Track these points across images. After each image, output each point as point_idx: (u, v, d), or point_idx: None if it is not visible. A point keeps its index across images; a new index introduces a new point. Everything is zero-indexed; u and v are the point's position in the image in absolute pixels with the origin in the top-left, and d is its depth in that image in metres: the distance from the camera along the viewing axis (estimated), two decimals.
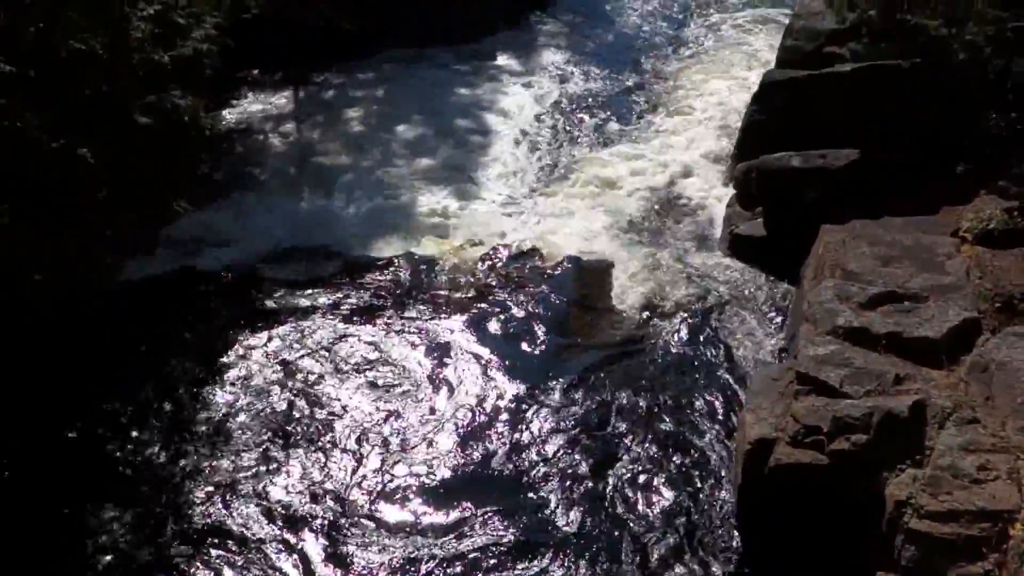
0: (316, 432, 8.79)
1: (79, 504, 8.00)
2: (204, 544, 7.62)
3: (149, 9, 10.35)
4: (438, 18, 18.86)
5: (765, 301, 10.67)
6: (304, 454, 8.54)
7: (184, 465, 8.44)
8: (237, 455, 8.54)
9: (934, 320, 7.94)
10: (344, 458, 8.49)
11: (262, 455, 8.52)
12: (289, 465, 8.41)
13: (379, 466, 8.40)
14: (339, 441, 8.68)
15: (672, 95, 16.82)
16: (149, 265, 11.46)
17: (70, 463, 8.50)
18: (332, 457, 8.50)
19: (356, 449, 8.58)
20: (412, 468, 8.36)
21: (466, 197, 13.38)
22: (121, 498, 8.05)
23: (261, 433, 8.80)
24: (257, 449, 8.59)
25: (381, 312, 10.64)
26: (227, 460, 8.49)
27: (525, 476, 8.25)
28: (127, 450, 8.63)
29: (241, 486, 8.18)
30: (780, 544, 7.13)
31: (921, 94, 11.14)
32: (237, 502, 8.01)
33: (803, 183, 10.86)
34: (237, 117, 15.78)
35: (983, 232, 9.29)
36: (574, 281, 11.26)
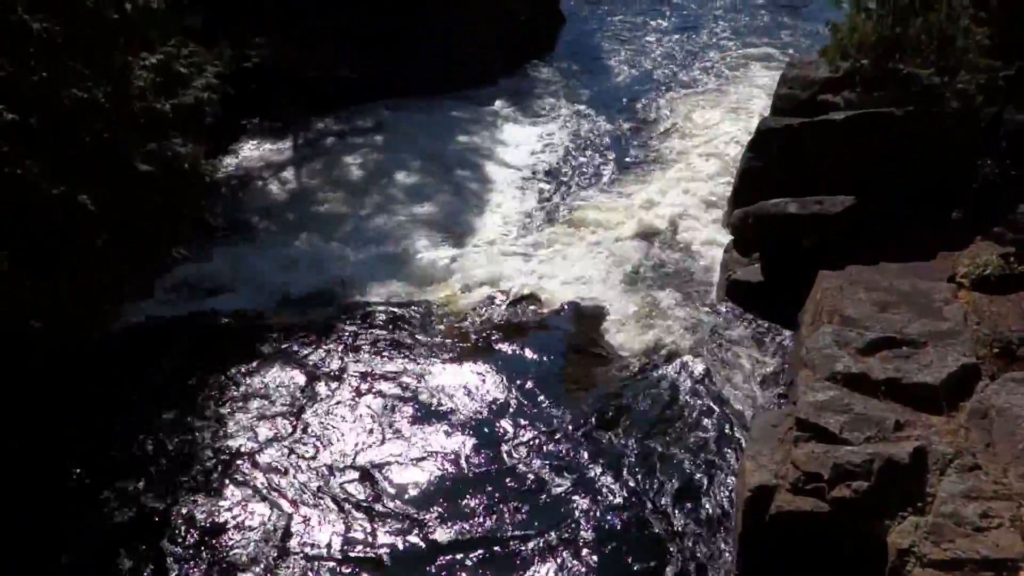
0: (315, 479, 8.72)
1: (76, 547, 7.94)
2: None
3: (151, 59, 10.47)
4: (437, 66, 19.10)
5: (763, 347, 10.66)
6: (303, 500, 8.46)
7: (180, 511, 8.36)
8: (235, 501, 8.47)
9: (933, 366, 7.93)
10: (342, 505, 8.41)
11: (260, 501, 8.45)
12: (288, 511, 8.33)
13: (377, 513, 8.32)
14: (337, 488, 8.61)
15: (668, 141, 16.97)
16: (147, 310, 11.48)
17: (66, 508, 8.43)
18: (331, 504, 8.42)
19: (354, 496, 8.51)
20: (410, 515, 8.28)
21: (464, 243, 13.44)
22: (117, 544, 7.98)
23: (259, 479, 8.73)
24: (255, 495, 8.52)
25: (379, 358, 10.62)
26: (224, 506, 8.41)
27: (522, 523, 8.16)
28: (123, 496, 8.55)
29: (239, 533, 8.09)
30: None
31: (915, 141, 11.26)
32: (234, 549, 7.93)
33: (800, 229, 10.92)
34: (237, 164, 15.91)
35: (980, 278, 9.32)
36: (572, 327, 11.27)
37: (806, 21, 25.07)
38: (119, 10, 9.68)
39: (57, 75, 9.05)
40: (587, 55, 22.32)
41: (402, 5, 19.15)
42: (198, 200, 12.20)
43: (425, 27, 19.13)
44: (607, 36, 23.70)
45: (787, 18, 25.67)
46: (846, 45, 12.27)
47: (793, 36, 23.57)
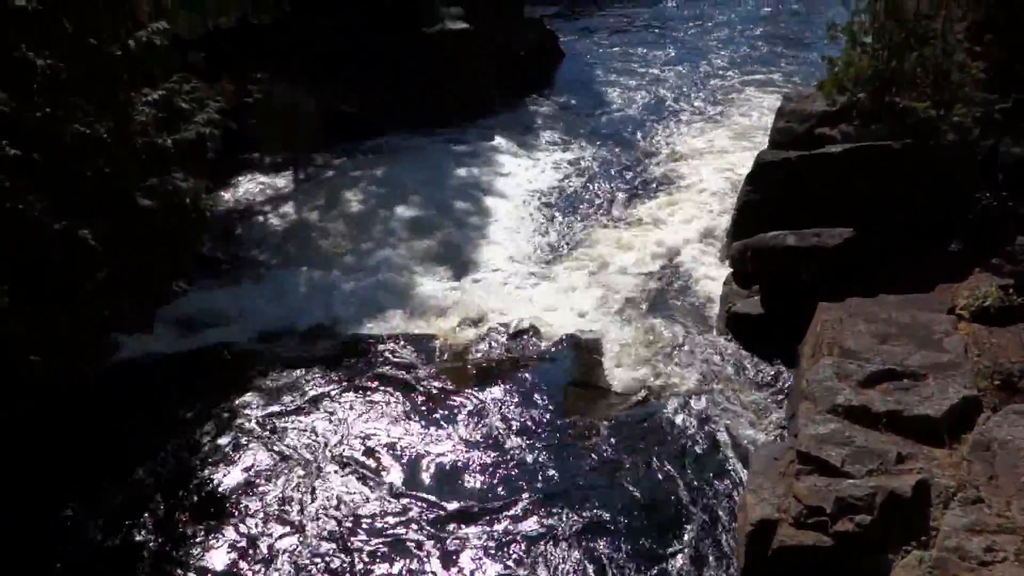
0: (315, 514, 8.66)
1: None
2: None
3: (154, 94, 10.56)
4: (437, 100, 19.28)
5: (763, 379, 10.63)
6: (302, 536, 8.40)
7: (180, 546, 8.30)
8: (233, 537, 8.40)
9: (934, 398, 7.90)
10: (342, 538, 8.34)
11: (259, 536, 8.38)
12: (285, 547, 8.26)
13: (378, 545, 8.25)
14: (336, 524, 8.54)
15: (667, 174, 17.06)
16: (146, 344, 11.47)
17: (60, 542, 8.37)
18: (328, 540, 8.35)
19: (351, 530, 8.45)
20: (409, 550, 8.21)
21: (464, 276, 13.46)
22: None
23: (258, 514, 8.67)
24: (254, 530, 8.45)
25: (379, 392, 10.60)
26: (222, 541, 8.35)
27: (520, 559, 8.09)
28: (122, 530, 8.50)
29: (237, 569, 8.02)
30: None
31: (912, 174, 11.31)
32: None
33: (799, 262, 10.93)
34: (237, 198, 15.99)
35: (979, 310, 9.32)
36: (571, 360, 11.26)
37: (803, 50, 25.39)
38: (122, 47, 9.77)
39: (60, 111, 9.12)
40: (586, 89, 22.53)
41: (402, 41, 19.36)
42: (199, 234, 12.25)
43: (425, 62, 19.33)
44: (605, 70, 23.94)
45: (784, 48, 26.00)
46: (843, 79, 12.41)
47: (791, 67, 23.84)
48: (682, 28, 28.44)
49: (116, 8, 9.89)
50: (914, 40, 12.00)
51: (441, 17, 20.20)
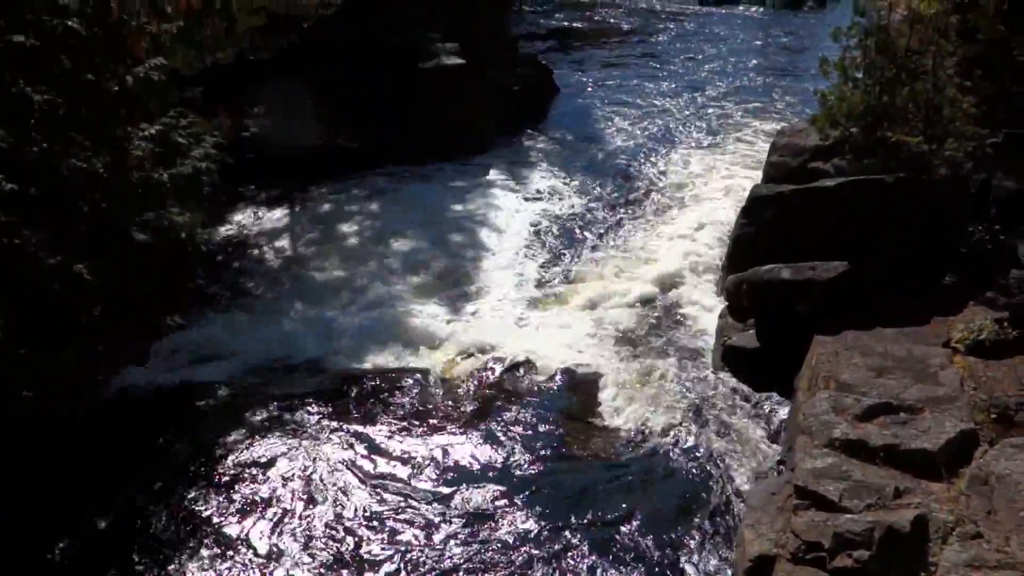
0: (309, 550, 8.58)
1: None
2: None
3: (151, 129, 10.61)
4: (432, 135, 19.40)
5: (760, 413, 10.60)
6: (295, 570, 8.31)
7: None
8: (225, 573, 8.30)
9: (931, 432, 7.90)
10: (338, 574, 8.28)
11: (251, 573, 8.29)
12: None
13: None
14: (329, 560, 8.46)
15: (662, 207, 17.15)
16: (140, 378, 11.41)
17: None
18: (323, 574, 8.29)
19: (344, 565, 8.36)
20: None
21: (459, 310, 13.46)
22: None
23: (250, 551, 8.58)
24: (246, 567, 8.36)
25: (375, 426, 10.55)
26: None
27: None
28: (113, 566, 8.40)
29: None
30: None
31: (906, 208, 11.38)
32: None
33: (794, 295, 10.96)
34: (233, 232, 16.01)
35: (975, 343, 9.35)
36: (567, 394, 11.23)
37: (795, 81, 25.70)
38: (120, 83, 9.84)
39: (57, 146, 9.15)
40: (581, 123, 22.69)
41: (398, 76, 19.51)
42: (194, 268, 12.25)
43: (421, 97, 19.47)
44: (600, 103, 24.14)
45: (776, 79, 26.31)
46: (835, 114, 12.52)
47: (787, 96, 24.10)
48: (675, 61, 28.76)
49: (114, 44, 9.96)
50: (905, 75, 12.14)
51: (437, 53, 20.38)
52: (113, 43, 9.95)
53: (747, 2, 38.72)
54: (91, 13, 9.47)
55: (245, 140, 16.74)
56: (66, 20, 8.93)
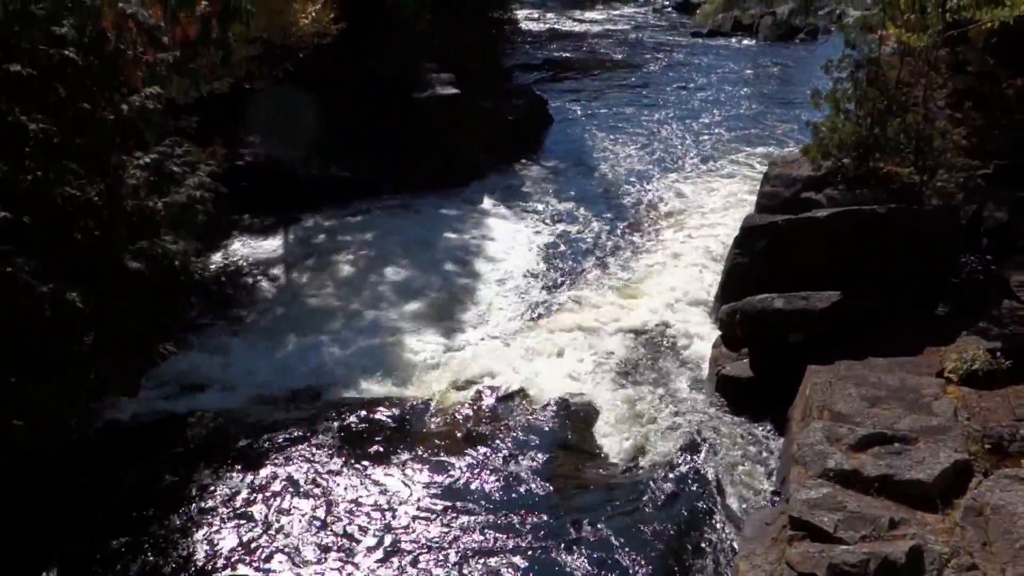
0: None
1: None
2: None
3: (145, 158, 10.63)
4: (427, 164, 19.47)
5: (754, 443, 10.57)
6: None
7: None
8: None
9: (925, 462, 7.89)
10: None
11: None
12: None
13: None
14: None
15: (656, 236, 17.20)
16: (130, 408, 11.34)
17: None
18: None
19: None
20: None
21: (453, 339, 13.44)
22: None
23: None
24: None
25: (368, 456, 10.48)
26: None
27: None
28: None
29: None
30: None
31: (898, 238, 11.45)
32: None
33: (787, 325, 10.98)
34: (227, 260, 16.00)
35: (968, 373, 9.38)
36: (561, 424, 11.18)
37: (787, 108, 25.92)
38: (115, 112, 9.87)
39: (52, 174, 9.16)
40: (575, 152, 22.79)
41: (393, 105, 19.62)
42: (187, 297, 12.23)
43: (416, 127, 19.57)
44: (594, 133, 24.26)
45: (768, 107, 26.53)
46: (827, 145, 12.63)
47: (781, 123, 24.28)
48: (668, 91, 28.96)
49: (110, 74, 10.00)
50: (896, 107, 12.27)
51: (432, 83, 20.53)
52: (109, 72, 9.99)
53: (738, 34, 39.08)
54: (88, 43, 9.52)
55: (239, 169, 16.77)
56: (63, 50, 8.97)
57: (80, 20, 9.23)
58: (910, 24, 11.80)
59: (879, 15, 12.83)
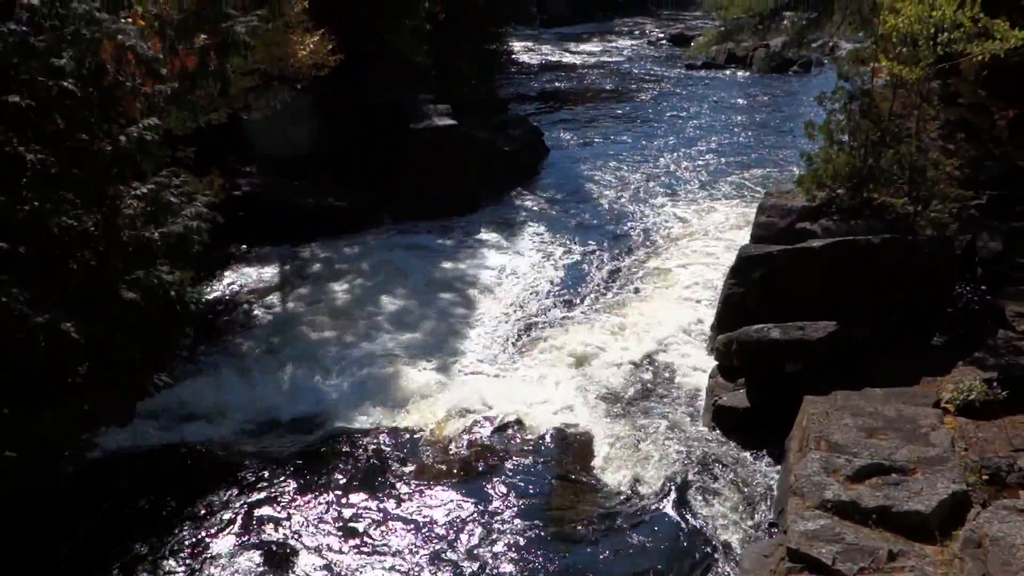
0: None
1: None
2: None
3: (142, 188, 10.64)
4: (424, 194, 19.57)
5: (751, 474, 10.52)
6: None
7: None
8: None
9: (923, 493, 7.87)
10: None
11: None
12: None
13: None
14: None
15: (651, 265, 17.23)
16: (124, 438, 11.28)
17: None
18: None
19: None
20: None
21: (449, 369, 13.41)
22: None
23: None
24: None
25: (364, 486, 10.42)
26: None
27: None
28: None
29: None
30: None
31: (893, 268, 11.49)
32: None
33: (783, 355, 10.99)
34: (224, 290, 15.99)
35: (965, 403, 9.38)
36: (557, 455, 11.13)
37: (779, 136, 26.14)
38: (113, 142, 9.91)
39: (48, 205, 9.17)
40: (570, 182, 22.91)
41: (390, 136, 19.75)
42: (183, 327, 12.20)
43: (412, 157, 19.69)
44: (589, 163, 24.42)
45: (765, 139, 26.73)
46: (821, 176, 12.71)
47: (772, 159, 24.44)
48: (663, 122, 29.23)
49: (108, 104, 10.05)
50: (889, 138, 12.37)
51: (428, 114, 20.68)
52: (108, 104, 10.04)
53: (733, 66, 39.49)
54: (87, 75, 9.57)
55: (237, 198, 16.81)
56: (62, 81, 9.02)
57: (80, 52, 9.28)
58: (902, 57, 11.91)
59: (871, 48, 12.97)
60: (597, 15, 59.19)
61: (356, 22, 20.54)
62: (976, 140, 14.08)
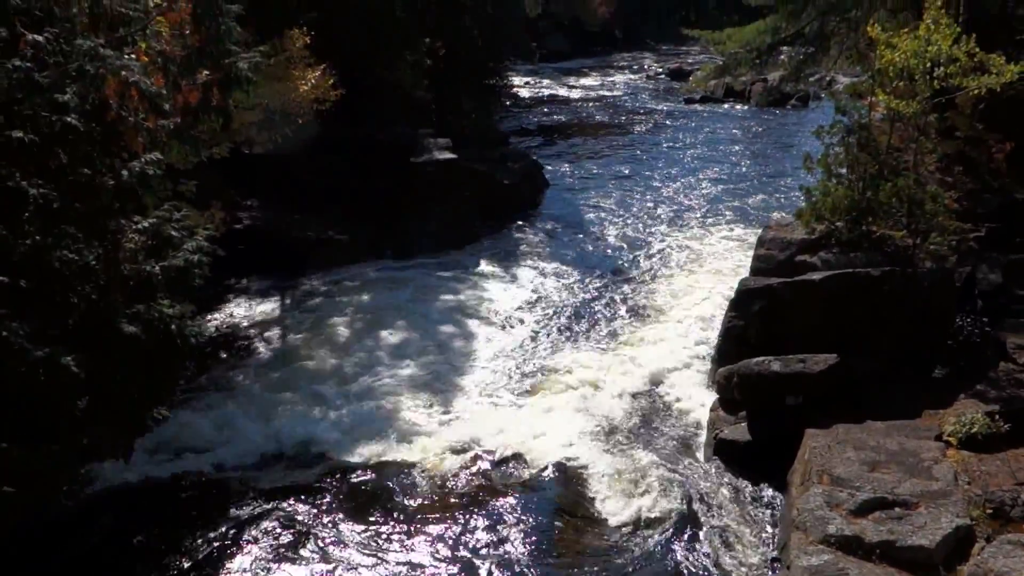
0: None
1: None
2: None
3: (144, 222, 10.67)
4: (424, 227, 19.65)
5: (754, 507, 10.46)
6: None
7: None
8: None
9: (927, 528, 7.81)
10: None
11: None
12: None
13: None
14: None
15: (651, 298, 17.24)
16: (123, 472, 11.20)
17: None
18: None
19: None
20: None
21: (449, 403, 13.36)
22: None
23: None
24: None
25: (363, 521, 10.35)
26: None
27: None
28: None
29: None
30: None
31: (893, 300, 11.49)
32: None
33: (785, 388, 10.95)
34: (224, 323, 16.00)
35: (967, 436, 9.33)
36: (558, 488, 11.06)
37: (773, 164, 26.30)
38: (115, 177, 9.95)
39: (50, 239, 9.18)
40: (570, 215, 23.02)
41: (391, 170, 19.86)
42: (183, 361, 12.17)
43: (413, 191, 19.80)
44: (588, 196, 24.56)
45: (763, 170, 26.87)
46: (820, 209, 12.75)
47: (771, 190, 24.58)
48: (662, 154, 29.46)
49: (110, 139, 10.10)
50: (887, 172, 12.43)
51: (429, 148, 20.82)
52: (110, 139, 10.08)
53: (731, 100, 39.80)
54: (90, 110, 9.63)
55: (238, 232, 16.88)
56: (65, 116, 9.07)
57: (83, 88, 9.34)
58: (899, 91, 12.02)
59: (868, 82, 13.08)
60: (596, 50, 59.80)
61: (357, 57, 20.78)
62: (974, 173, 14.16)
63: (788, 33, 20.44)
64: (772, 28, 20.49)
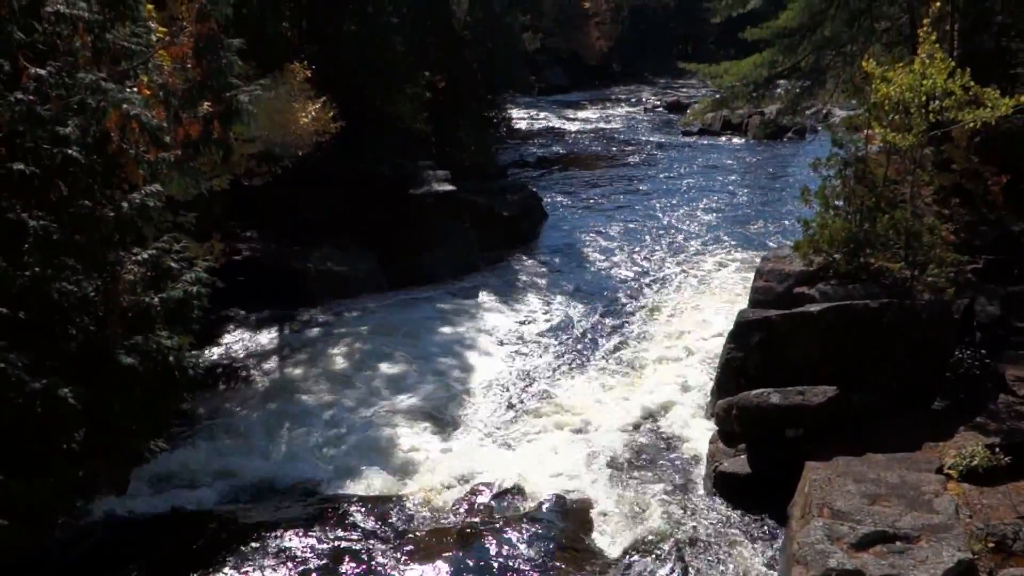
0: None
1: None
2: None
3: (143, 254, 10.70)
4: (423, 259, 19.70)
5: (753, 541, 10.37)
6: None
7: None
8: None
9: (929, 562, 7.75)
10: None
11: None
12: None
13: None
14: None
15: (649, 330, 17.23)
16: (119, 505, 11.13)
17: None
18: None
19: None
20: None
21: (447, 435, 13.33)
22: None
23: None
24: None
25: (362, 554, 10.24)
26: None
27: None
28: None
29: None
30: None
31: (891, 332, 11.49)
32: None
33: (784, 420, 10.91)
34: (222, 354, 15.98)
35: (968, 469, 9.30)
36: (557, 521, 10.97)
37: (769, 193, 26.43)
38: (115, 209, 9.99)
39: (49, 270, 9.20)
40: (568, 247, 23.08)
41: (390, 201, 19.95)
42: (181, 392, 12.15)
43: (411, 222, 19.88)
44: (587, 227, 24.64)
45: (761, 201, 27.00)
46: (818, 241, 12.79)
47: (769, 222, 24.68)
48: (659, 187, 29.57)
49: (111, 171, 10.16)
50: (884, 204, 12.49)
51: (428, 180, 20.93)
52: (111, 171, 10.14)
53: (728, 133, 40.06)
54: (91, 143, 9.69)
55: (237, 263, 16.92)
56: (66, 149, 9.12)
57: (85, 121, 9.41)
58: (895, 124, 12.11)
59: (864, 115, 13.19)
60: (594, 83, 60.19)
61: (357, 90, 20.95)
62: (970, 205, 14.24)
63: (785, 67, 20.67)
64: (769, 62, 20.71)
